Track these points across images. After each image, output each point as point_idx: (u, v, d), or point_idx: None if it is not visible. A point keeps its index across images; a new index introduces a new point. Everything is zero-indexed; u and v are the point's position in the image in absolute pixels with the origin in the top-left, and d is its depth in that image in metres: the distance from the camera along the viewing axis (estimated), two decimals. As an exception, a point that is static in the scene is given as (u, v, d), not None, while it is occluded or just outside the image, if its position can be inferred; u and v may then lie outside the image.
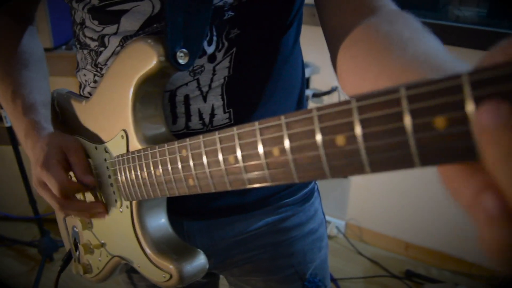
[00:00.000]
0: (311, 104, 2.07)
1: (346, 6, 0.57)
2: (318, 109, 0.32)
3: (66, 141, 0.69)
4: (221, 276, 0.91)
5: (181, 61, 0.57)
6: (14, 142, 2.03)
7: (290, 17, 0.71)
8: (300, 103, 0.79)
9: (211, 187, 0.47)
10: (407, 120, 0.27)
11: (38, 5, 0.86)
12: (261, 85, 0.71)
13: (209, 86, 0.65)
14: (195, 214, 0.74)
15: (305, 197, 0.83)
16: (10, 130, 2.00)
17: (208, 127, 0.68)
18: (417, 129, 0.27)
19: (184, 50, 0.57)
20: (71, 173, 0.69)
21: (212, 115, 0.67)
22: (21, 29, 0.83)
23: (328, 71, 2.09)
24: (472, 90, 0.24)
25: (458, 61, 0.37)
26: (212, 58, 0.65)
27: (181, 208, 0.69)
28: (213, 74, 0.65)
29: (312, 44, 1.45)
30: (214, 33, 0.63)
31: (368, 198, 2.32)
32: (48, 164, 0.65)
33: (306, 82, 1.66)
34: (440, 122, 0.25)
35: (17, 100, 0.74)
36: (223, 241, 0.77)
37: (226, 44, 0.64)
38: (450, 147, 0.25)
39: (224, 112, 0.68)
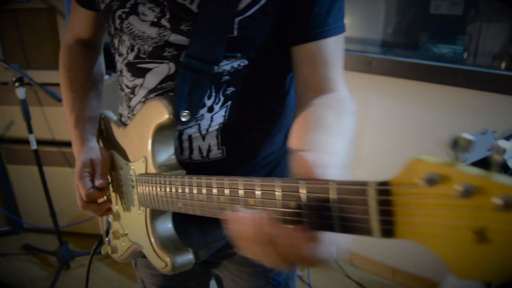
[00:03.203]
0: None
1: (309, 86, 0.81)
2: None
3: (96, 155, 0.93)
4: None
5: (183, 119, 0.79)
6: (39, 162, 2.28)
7: (283, 76, 0.89)
8: (287, 140, 0.97)
9: (194, 211, 0.69)
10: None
11: (103, 38, 1.07)
12: (251, 128, 0.88)
13: (207, 130, 0.84)
14: (194, 219, 0.93)
15: None
16: (35, 152, 2.24)
17: (206, 159, 0.86)
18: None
19: (186, 112, 0.79)
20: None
21: (209, 150, 0.86)
22: (87, 57, 1.05)
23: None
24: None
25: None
26: (210, 109, 0.83)
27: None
28: (211, 121, 0.84)
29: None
30: (213, 90, 0.81)
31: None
32: (80, 175, 0.91)
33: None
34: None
35: (72, 113, 0.99)
36: (213, 240, 0.97)
37: (222, 98, 0.83)
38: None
39: (218, 149, 0.86)
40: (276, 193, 0.52)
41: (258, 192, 0.55)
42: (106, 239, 1.04)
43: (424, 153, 0.40)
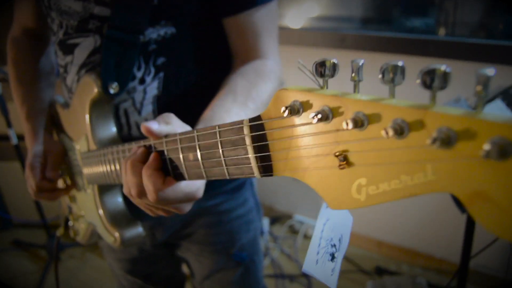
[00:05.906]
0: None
1: (239, 56, 0.84)
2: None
3: (48, 146, 0.95)
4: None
5: (112, 92, 0.78)
6: (21, 157, 2.27)
7: (219, 47, 0.87)
8: None
9: None
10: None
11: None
12: (188, 100, 0.86)
13: (141, 103, 0.82)
14: None
15: (235, 188, 0.99)
16: (17, 147, 2.23)
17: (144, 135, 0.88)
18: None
19: (115, 83, 0.78)
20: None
21: None
22: (35, 48, 1.04)
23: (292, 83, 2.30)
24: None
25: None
26: (141, 81, 0.81)
27: None
28: (144, 94, 0.82)
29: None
30: (142, 61, 0.80)
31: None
32: (31, 166, 0.92)
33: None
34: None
35: (23, 107, 0.99)
36: (167, 219, 0.96)
37: (153, 69, 0.81)
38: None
39: None
40: (178, 148, 0.54)
41: (165, 152, 0.57)
42: (70, 222, 1.05)
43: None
